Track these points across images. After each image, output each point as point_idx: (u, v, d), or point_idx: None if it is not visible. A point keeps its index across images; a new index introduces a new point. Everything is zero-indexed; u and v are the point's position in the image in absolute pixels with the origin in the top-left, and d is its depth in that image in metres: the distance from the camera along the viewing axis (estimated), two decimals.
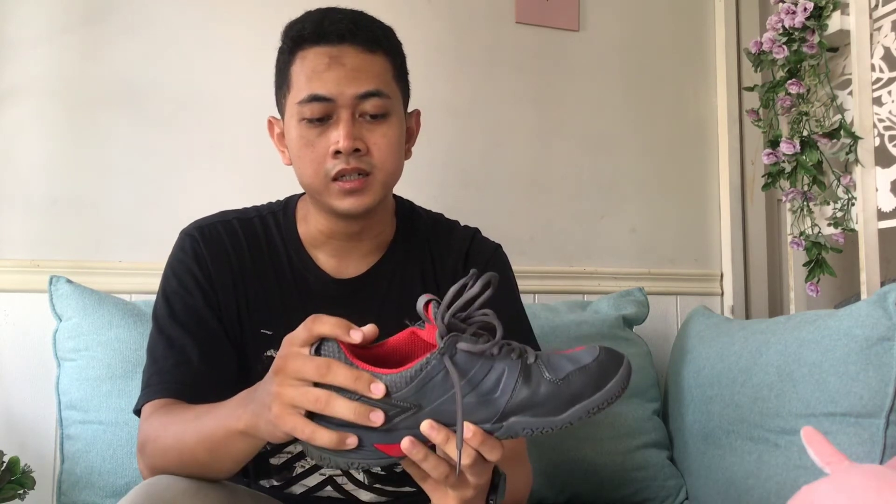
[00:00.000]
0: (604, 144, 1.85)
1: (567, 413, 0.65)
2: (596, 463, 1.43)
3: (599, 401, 0.65)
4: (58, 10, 1.51)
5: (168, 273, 0.98)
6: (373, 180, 0.93)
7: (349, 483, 0.99)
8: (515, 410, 0.65)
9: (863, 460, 1.09)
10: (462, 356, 0.65)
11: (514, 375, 0.65)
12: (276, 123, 1.01)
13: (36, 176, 1.49)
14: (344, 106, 0.90)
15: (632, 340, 1.58)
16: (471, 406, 0.65)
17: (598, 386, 0.66)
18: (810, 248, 1.62)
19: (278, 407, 0.66)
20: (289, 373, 0.66)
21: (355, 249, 1.01)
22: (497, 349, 0.66)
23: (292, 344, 0.68)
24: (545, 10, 1.82)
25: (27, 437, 1.42)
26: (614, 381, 0.66)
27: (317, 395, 0.64)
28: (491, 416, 0.65)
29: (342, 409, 0.64)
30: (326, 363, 0.65)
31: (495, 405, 0.65)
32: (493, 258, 1.07)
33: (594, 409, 0.65)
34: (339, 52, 0.90)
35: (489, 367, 0.65)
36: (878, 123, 1.52)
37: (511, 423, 0.65)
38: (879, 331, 1.12)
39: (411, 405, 0.65)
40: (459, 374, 0.64)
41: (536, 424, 0.65)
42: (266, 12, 1.61)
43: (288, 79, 0.93)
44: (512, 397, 0.65)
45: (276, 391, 0.67)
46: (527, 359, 0.67)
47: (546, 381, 0.65)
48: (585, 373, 0.66)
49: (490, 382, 0.65)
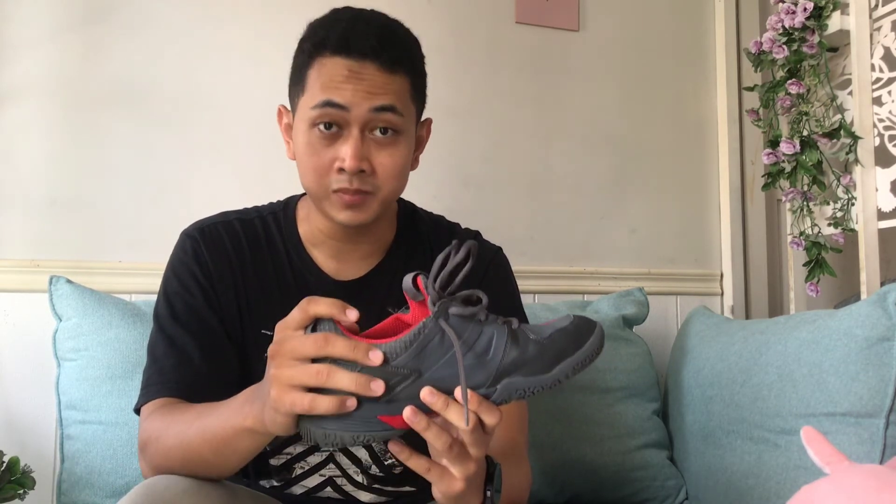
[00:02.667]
0: (604, 144, 1.85)
1: (555, 370, 0.69)
2: (596, 463, 1.43)
3: (581, 357, 0.70)
4: (58, 10, 1.51)
5: (169, 273, 0.98)
6: (372, 199, 0.92)
7: (348, 484, 0.99)
8: (508, 370, 0.68)
9: (863, 460, 1.09)
10: (454, 320, 0.68)
11: (504, 337, 0.69)
12: (285, 114, 1.00)
13: (36, 176, 1.49)
14: (355, 119, 0.88)
15: (632, 340, 1.58)
16: (467, 368, 0.67)
17: (579, 344, 0.70)
18: (810, 248, 1.62)
19: (277, 388, 0.66)
20: (286, 353, 0.67)
21: (355, 251, 1.01)
22: (484, 315, 0.70)
23: (287, 327, 0.69)
24: (545, 10, 1.82)
25: (27, 437, 1.42)
26: (592, 339, 0.71)
27: (317, 368, 0.65)
28: (486, 378, 0.68)
29: (343, 380, 0.65)
30: (324, 336, 0.66)
31: (489, 366, 0.68)
32: (494, 261, 1.07)
33: (578, 364, 0.70)
34: (359, 68, 0.88)
35: (479, 330, 0.68)
36: (878, 123, 1.52)
37: (505, 385, 0.68)
38: (879, 331, 1.12)
39: (410, 371, 0.67)
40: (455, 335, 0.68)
41: (528, 384, 0.68)
42: (266, 12, 1.61)
43: (303, 80, 0.92)
44: (504, 357, 0.68)
45: (273, 374, 0.67)
46: (511, 324, 0.71)
47: (532, 341, 0.69)
48: (565, 333, 0.71)
49: (482, 344, 0.68)
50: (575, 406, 1.46)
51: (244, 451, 0.77)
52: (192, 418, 0.81)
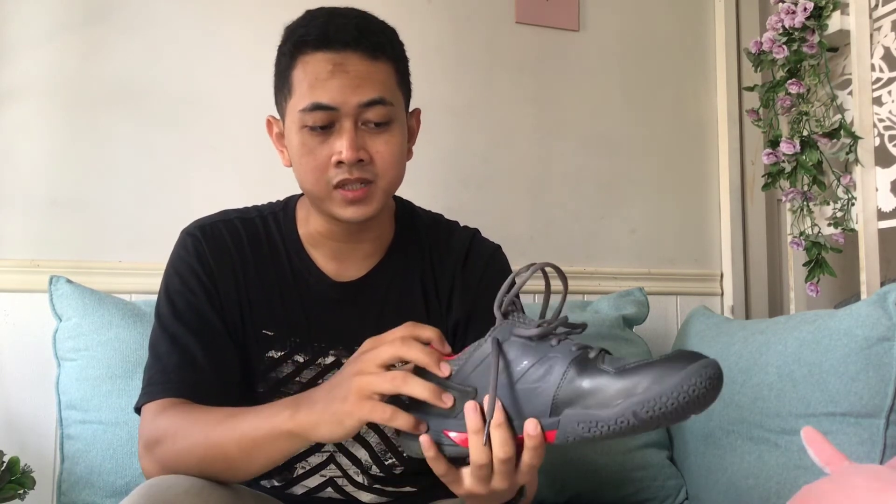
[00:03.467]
0: (604, 144, 1.85)
1: (617, 407, 0.58)
2: (596, 463, 1.43)
3: (656, 394, 0.56)
4: (58, 10, 1.51)
5: (170, 272, 0.98)
6: (375, 189, 0.92)
7: (349, 485, 0.99)
8: (565, 402, 0.62)
9: (863, 460, 1.09)
10: (516, 341, 0.67)
11: (565, 364, 0.63)
12: (275, 123, 1.00)
13: (36, 176, 1.49)
14: (347, 115, 0.89)
15: (632, 340, 1.58)
16: (523, 393, 0.65)
17: (659, 380, 0.57)
18: (810, 248, 1.62)
19: (356, 395, 0.70)
20: (368, 359, 0.72)
21: (355, 251, 1.01)
22: (556, 340, 0.66)
23: (381, 342, 0.74)
24: (545, 10, 1.82)
25: (27, 437, 1.42)
26: (682, 375, 0.57)
27: (394, 374, 0.70)
28: (543, 407, 0.63)
29: (418, 388, 0.69)
30: (402, 341, 0.71)
31: (544, 395, 0.63)
32: (493, 259, 1.07)
33: (651, 403, 0.56)
34: (342, 60, 0.88)
35: (542, 355, 0.65)
36: (878, 123, 1.52)
37: (565, 417, 0.61)
38: (879, 331, 1.12)
39: (470, 388, 0.68)
40: (505, 358, 0.66)
41: (586, 417, 0.60)
42: (266, 12, 1.61)
43: (289, 83, 0.92)
44: (560, 386, 0.62)
45: (355, 381, 0.71)
46: (588, 352, 0.64)
47: (600, 371, 0.61)
48: (647, 366, 0.59)
49: (541, 371, 0.64)
50: None
51: (276, 454, 0.79)
52: (219, 420, 0.81)
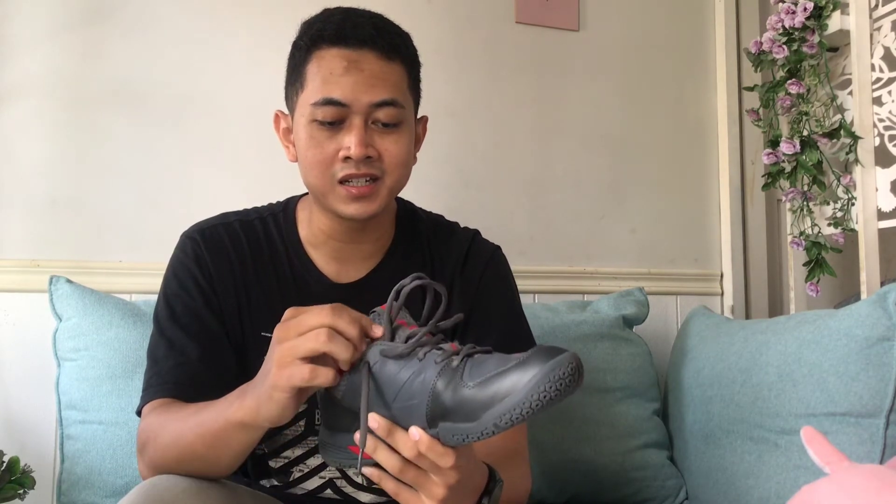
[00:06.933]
0: (604, 144, 1.85)
1: (479, 420, 0.61)
2: (596, 463, 1.43)
3: (513, 404, 0.59)
4: (58, 10, 1.51)
5: (169, 275, 0.98)
6: (381, 186, 0.92)
7: (348, 486, 0.99)
8: (438, 416, 0.64)
9: (863, 460, 1.09)
10: (388, 361, 0.66)
11: (432, 379, 0.64)
12: (283, 118, 1.00)
13: (36, 176, 1.49)
14: (358, 112, 0.89)
15: (632, 340, 1.58)
16: (401, 412, 0.65)
17: (513, 388, 0.59)
18: (810, 248, 1.62)
19: (278, 363, 0.68)
20: (290, 328, 0.70)
21: (355, 252, 1.01)
22: (423, 353, 0.65)
23: (300, 312, 0.72)
24: (545, 10, 1.81)
25: (27, 437, 1.42)
26: (534, 382, 0.58)
27: (316, 331, 0.67)
28: (421, 422, 0.65)
29: (340, 345, 0.67)
30: (330, 307, 0.69)
31: (418, 412, 0.64)
32: (493, 260, 1.07)
33: (509, 414, 0.59)
34: (358, 57, 0.88)
35: (413, 370, 0.65)
36: (878, 123, 1.52)
37: (442, 429, 0.64)
38: (879, 331, 1.12)
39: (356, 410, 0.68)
40: (378, 382, 0.66)
41: (457, 431, 0.62)
42: (266, 12, 1.61)
43: (302, 77, 0.92)
44: (430, 402, 0.64)
45: (275, 355, 0.69)
46: (451, 361, 0.65)
47: (460, 385, 0.63)
48: (503, 374, 0.61)
49: (413, 388, 0.65)
50: (575, 406, 1.46)
51: (236, 446, 0.77)
52: (188, 415, 0.81)
